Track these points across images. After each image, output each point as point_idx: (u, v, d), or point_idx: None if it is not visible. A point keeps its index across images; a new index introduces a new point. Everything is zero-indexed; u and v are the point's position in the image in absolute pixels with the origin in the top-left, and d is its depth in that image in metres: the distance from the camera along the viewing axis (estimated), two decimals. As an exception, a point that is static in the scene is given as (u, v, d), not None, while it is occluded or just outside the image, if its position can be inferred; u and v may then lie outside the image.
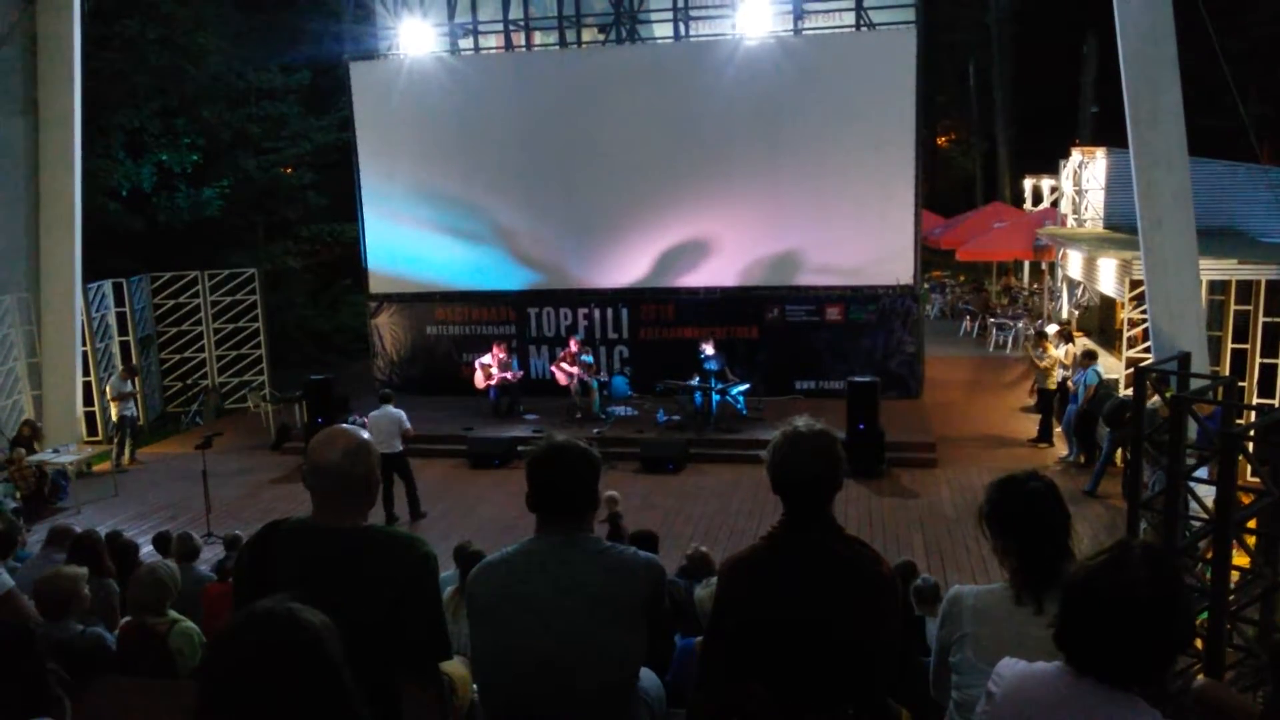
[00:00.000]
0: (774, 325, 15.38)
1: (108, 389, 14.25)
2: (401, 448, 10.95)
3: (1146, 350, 11.30)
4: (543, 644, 2.52)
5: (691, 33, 15.44)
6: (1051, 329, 15.01)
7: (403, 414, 11.10)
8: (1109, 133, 20.75)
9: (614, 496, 9.18)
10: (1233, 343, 12.50)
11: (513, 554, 2.65)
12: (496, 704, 2.69)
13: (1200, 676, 5.40)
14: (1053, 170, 21.82)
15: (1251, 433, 6.59)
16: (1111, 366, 13.38)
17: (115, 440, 14.04)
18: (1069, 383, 12.86)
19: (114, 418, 14.08)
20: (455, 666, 3.93)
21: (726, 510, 11.02)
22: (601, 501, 2.73)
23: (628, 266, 15.73)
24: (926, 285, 21.19)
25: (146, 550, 7.83)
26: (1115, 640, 1.80)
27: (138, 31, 17.32)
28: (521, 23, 15.85)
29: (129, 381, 14.25)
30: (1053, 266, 20.51)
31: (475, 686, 4.13)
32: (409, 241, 16.35)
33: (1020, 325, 19.94)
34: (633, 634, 2.56)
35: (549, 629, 2.52)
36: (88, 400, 14.51)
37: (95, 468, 13.63)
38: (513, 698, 2.61)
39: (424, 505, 11.28)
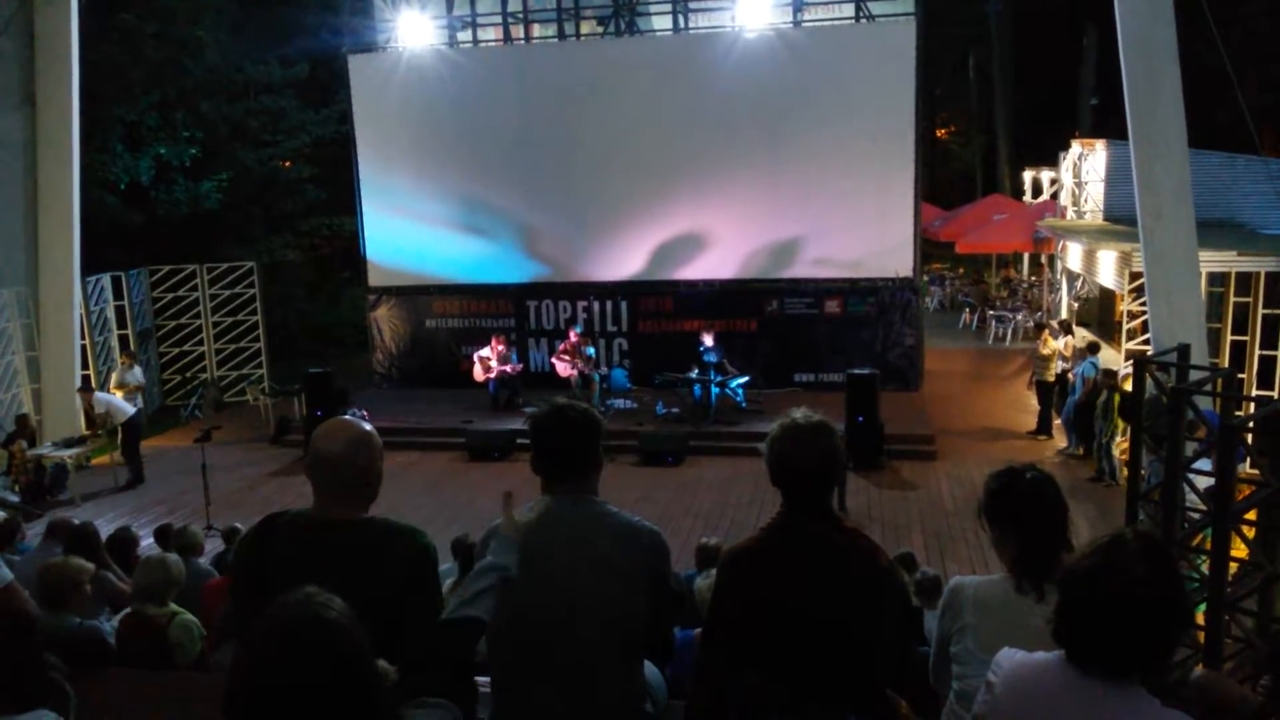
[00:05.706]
0: (773, 318, 15.37)
1: (113, 378, 14.15)
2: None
3: (1146, 342, 11.30)
4: (554, 602, 2.54)
5: (690, 25, 15.38)
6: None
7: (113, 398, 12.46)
8: (1109, 125, 20.77)
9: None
10: (1232, 334, 12.51)
11: (522, 514, 2.67)
12: (506, 662, 2.69)
13: (1199, 668, 5.41)
14: (1052, 162, 21.77)
15: (1250, 424, 6.60)
16: (1111, 358, 13.37)
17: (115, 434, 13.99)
18: (1069, 374, 12.87)
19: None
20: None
21: (726, 502, 11.02)
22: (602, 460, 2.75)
23: (626, 259, 15.71)
24: (926, 278, 21.16)
25: (147, 543, 7.83)
26: (1114, 635, 1.80)
27: (135, 25, 17.28)
28: (520, 15, 15.78)
29: (133, 368, 14.17)
30: (1052, 259, 20.49)
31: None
32: (408, 235, 16.31)
33: (1019, 318, 19.94)
34: (638, 597, 2.58)
35: (559, 588, 2.54)
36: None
37: (94, 461, 13.61)
38: (522, 656, 2.62)
39: (422, 498, 11.26)
